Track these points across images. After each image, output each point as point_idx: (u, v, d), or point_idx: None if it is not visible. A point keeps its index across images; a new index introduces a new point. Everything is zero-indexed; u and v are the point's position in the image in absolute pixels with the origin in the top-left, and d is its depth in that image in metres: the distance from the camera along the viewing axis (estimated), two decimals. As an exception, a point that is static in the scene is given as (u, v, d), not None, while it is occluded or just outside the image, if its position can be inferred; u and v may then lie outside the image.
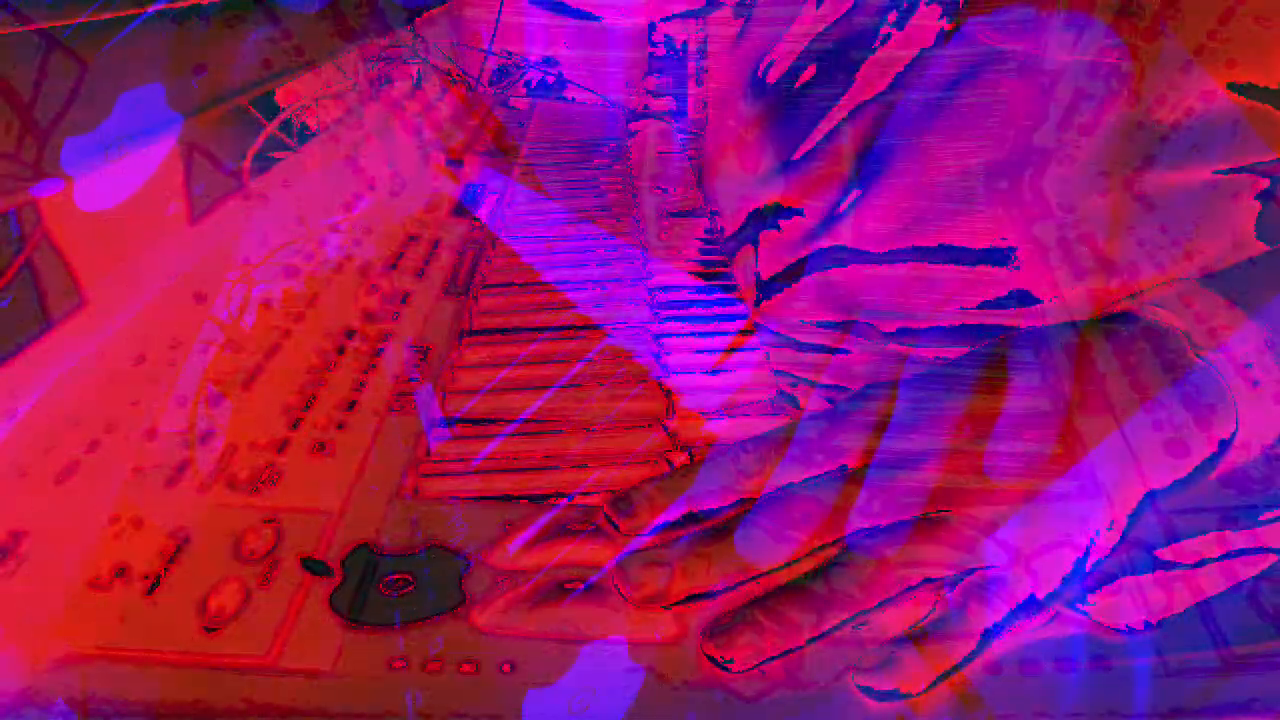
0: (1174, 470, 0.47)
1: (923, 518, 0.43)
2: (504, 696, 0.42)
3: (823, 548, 0.43)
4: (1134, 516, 0.46)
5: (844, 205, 0.78)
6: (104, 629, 0.45)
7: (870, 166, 0.77)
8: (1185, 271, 0.51)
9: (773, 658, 0.41)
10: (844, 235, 0.79)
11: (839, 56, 0.82)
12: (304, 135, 1.28)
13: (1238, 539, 0.71)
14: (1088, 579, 0.44)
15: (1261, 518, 0.70)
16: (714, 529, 0.44)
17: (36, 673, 0.43)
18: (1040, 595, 0.43)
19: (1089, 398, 0.46)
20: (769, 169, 0.86)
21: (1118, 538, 0.45)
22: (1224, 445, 0.46)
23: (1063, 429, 0.46)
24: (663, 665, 0.42)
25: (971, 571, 0.42)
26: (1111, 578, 0.44)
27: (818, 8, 0.86)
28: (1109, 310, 0.48)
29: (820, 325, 0.82)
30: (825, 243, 0.80)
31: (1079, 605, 0.45)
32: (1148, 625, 0.50)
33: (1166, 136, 0.67)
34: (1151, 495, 0.46)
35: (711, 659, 0.41)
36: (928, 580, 0.42)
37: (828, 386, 0.84)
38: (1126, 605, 0.52)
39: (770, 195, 0.86)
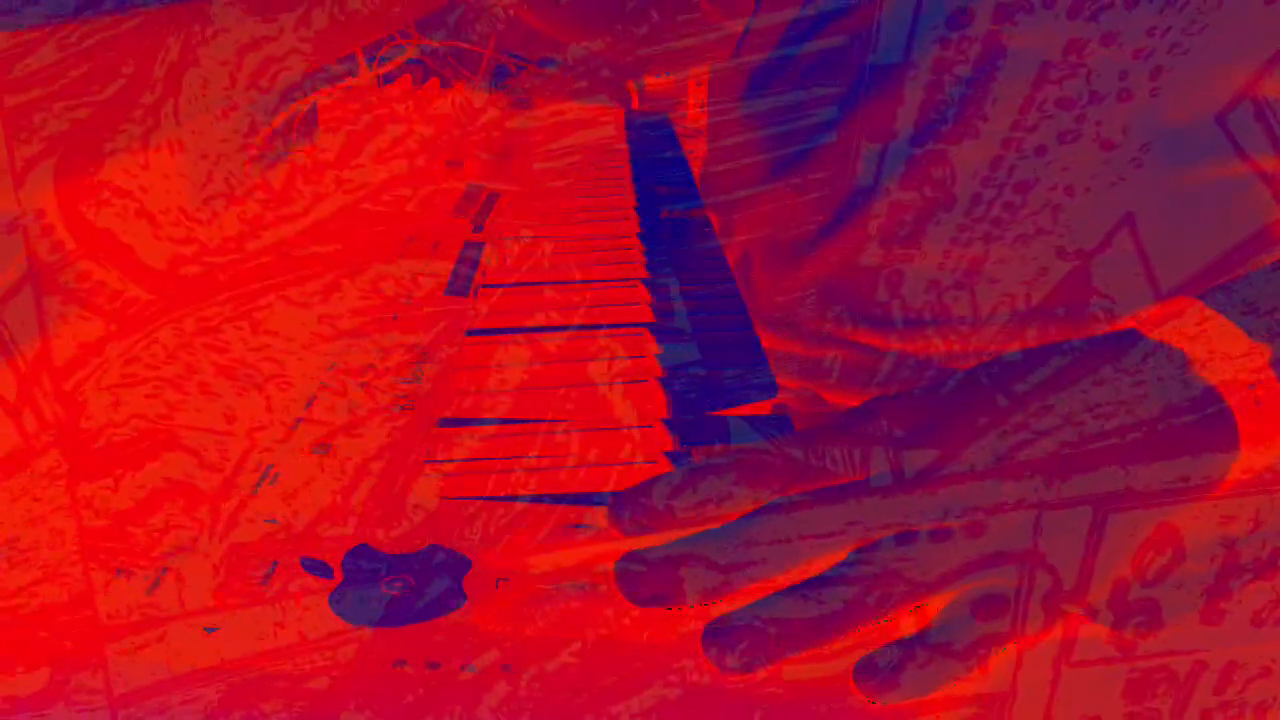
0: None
1: (931, 530, 0.42)
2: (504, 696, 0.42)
3: (829, 549, 0.43)
4: None
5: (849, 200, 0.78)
6: (105, 629, 0.45)
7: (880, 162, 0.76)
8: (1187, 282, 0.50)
9: (773, 659, 0.41)
10: (851, 233, 0.78)
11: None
12: (304, 135, 1.27)
13: (1244, 547, 0.71)
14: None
15: (1263, 530, 0.70)
16: (719, 530, 0.44)
17: (35, 674, 0.43)
18: None
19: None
20: (767, 165, 0.86)
21: None
22: (1226, 464, 0.46)
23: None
24: (662, 665, 0.42)
25: (979, 578, 0.42)
26: (1121, 583, 0.44)
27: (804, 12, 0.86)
28: (1108, 328, 0.48)
29: (825, 328, 0.82)
30: (829, 241, 0.80)
31: (1087, 610, 0.45)
32: (1154, 628, 0.50)
33: (1175, 133, 0.66)
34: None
35: (711, 659, 0.41)
36: (935, 589, 0.42)
37: (832, 389, 0.83)
38: (1134, 609, 0.52)
39: (767, 192, 0.86)
